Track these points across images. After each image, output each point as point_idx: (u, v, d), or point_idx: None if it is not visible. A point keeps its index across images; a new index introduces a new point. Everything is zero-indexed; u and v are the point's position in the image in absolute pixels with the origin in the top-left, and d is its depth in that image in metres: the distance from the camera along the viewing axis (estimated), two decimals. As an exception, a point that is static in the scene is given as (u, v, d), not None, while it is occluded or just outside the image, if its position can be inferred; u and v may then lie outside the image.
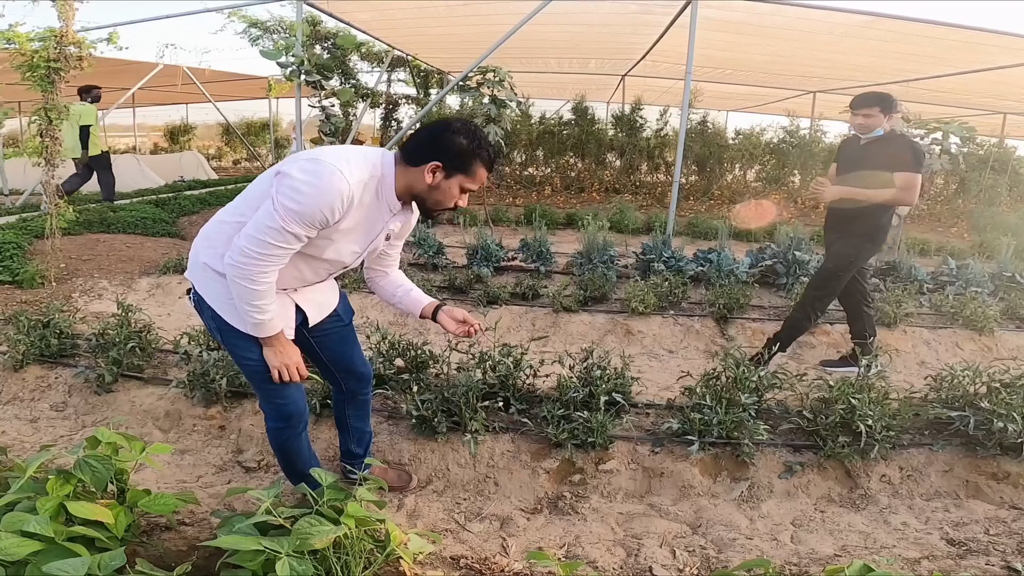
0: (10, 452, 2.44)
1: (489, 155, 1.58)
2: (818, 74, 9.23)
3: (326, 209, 1.46)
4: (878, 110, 3.03)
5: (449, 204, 1.61)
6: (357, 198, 1.51)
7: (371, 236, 1.66)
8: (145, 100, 14.33)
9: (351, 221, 1.56)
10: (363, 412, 2.11)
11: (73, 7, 4.22)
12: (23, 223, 5.73)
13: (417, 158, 1.56)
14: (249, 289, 1.52)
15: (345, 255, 1.66)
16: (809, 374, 2.85)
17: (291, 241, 1.49)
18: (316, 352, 1.96)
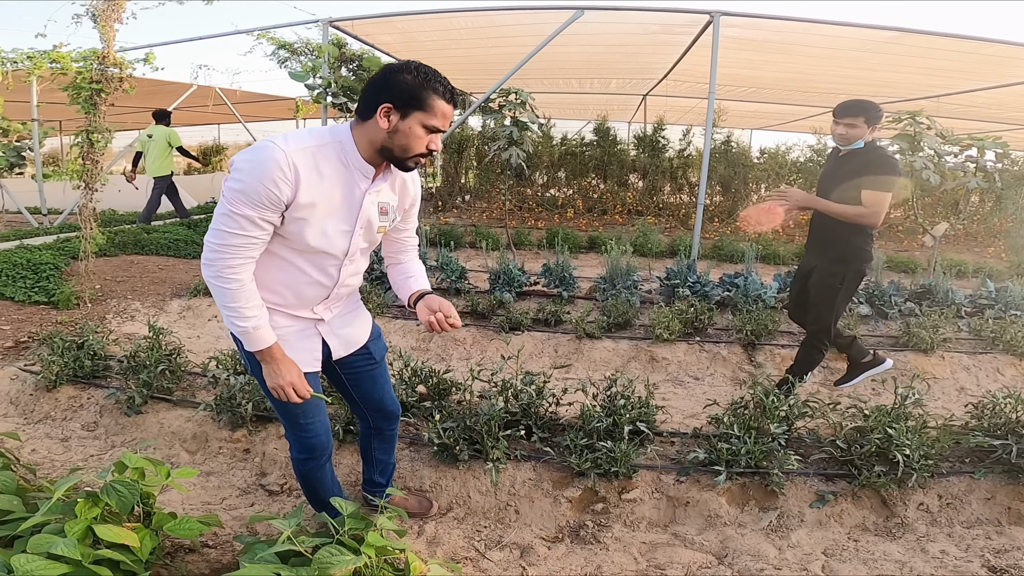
0: (40, 470, 2.52)
1: (444, 86, 1.45)
2: (845, 90, 9.09)
3: (267, 181, 1.38)
4: (863, 120, 2.81)
5: (417, 147, 1.47)
6: (302, 165, 1.41)
7: (354, 210, 1.54)
8: (179, 121, 14.83)
9: (311, 194, 1.45)
10: (389, 446, 2.10)
11: (114, 28, 4.29)
12: (61, 244, 5.92)
13: (368, 110, 1.47)
14: (222, 288, 1.47)
15: (334, 237, 1.54)
16: (842, 402, 2.77)
17: (246, 227, 1.42)
18: (346, 387, 1.92)
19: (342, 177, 1.50)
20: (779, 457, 2.39)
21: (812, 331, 3.11)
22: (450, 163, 11.36)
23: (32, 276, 4.82)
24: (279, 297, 1.62)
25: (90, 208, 4.56)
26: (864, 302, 4.64)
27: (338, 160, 1.49)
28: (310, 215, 1.47)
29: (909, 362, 3.85)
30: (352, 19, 6.32)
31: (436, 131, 1.48)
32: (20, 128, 6.23)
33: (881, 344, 4.12)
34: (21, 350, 3.71)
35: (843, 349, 3.32)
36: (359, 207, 1.54)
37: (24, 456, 2.65)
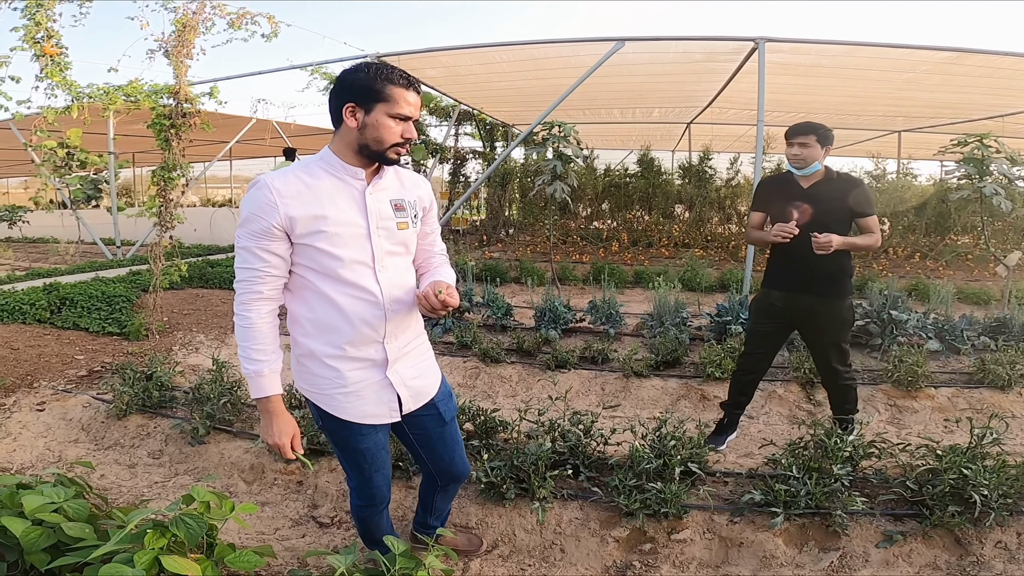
0: (108, 495, 2.65)
1: (398, 74, 1.46)
2: (902, 113, 8.84)
3: (255, 210, 1.43)
4: (814, 139, 2.68)
5: (390, 138, 1.47)
6: (284, 185, 1.45)
7: (361, 209, 1.52)
8: (239, 153, 15.66)
9: (307, 206, 1.46)
10: (450, 496, 2.06)
11: (185, 64, 4.53)
12: (132, 276, 6.30)
13: (336, 115, 1.50)
14: (236, 326, 1.51)
15: (352, 241, 1.51)
16: (911, 442, 2.62)
17: (248, 259, 1.47)
18: (414, 447, 1.86)
19: (335, 183, 1.51)
20: (843, 498, 2.28)
21: (832, 372, 2.90)
22: (494, 197, 11.51)
23: (106, 308, 5.15)
24: (340, 335, 1.55)
25: (162, 245, 4.83)
26: (934, 337, 4.40)
27: (325, 172, 1.51)
28: (321, 224, 1.46)
29: (985, 400, 3.61)
30: (398, 54, 6.59)
31: (404, 119, 1.48)
32: (97, 161, 6.73)
33: (954, 381, 3.89)
34: (94, 379, 3.96)
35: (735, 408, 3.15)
36: (364, 205, 1.53)
37: (94, 482, 2.80)
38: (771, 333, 2.96)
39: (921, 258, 8.85)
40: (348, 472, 1.79)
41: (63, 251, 10.16)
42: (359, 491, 1.79)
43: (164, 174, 4.67)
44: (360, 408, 1.61)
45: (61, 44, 4.84)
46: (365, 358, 1.59)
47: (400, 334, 1.64)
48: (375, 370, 1.61)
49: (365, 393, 1.61)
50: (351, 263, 1.51)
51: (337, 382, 1.58)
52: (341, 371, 1.58)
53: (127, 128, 9.40)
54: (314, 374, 1.60)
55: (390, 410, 1.66)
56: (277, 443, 1.56)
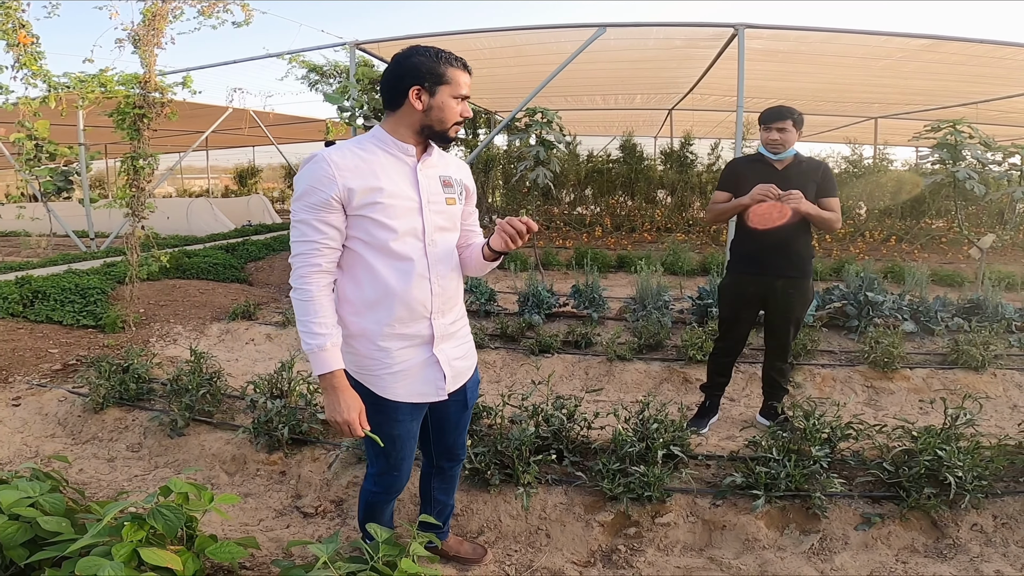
0: (87, 490, 2.61)
1: (456, 57, 1.55)
2: (879, 99, 8.94)
3: (314, 182, 1.47)
4: (791, 123, 2.75)
5: (452, 117, 1.56)
6: (341, 158, 1.49)
7: (413, 183, 1.57)
8: (216, 143, 15.37)
9: (363, 178, 1.49)
10: (449, 486, 2.02)
11: (154, 53, 4.46)
12: (107, 268, 6.16)
13: (397, 98, 1.54)
14: (295, 300, 1.52)
15: (405, 215, 1.54)
16: (888, 424, 2.68)
17: (307, 232, 1.49)
18: (426, 427, 1.85)
19: (388, 158, 1.56)
20: (821, 480, 2.32)
21: (786, 349, 3.01)
22: (476, 183, 11.44)
23: (80, 300, 5.03)
24: (389, 312, 1.56)
25: (136, 235, 4.73)
26: (909, 318, 4.49)
27: (378, 148, 1.56)
28: (378, 196, 1.50)
29: (959, 381, 3.70)
30: (378, 41, 6.48)
31: (464, 99, 1.57)
32: (67, 152, 6.54)
33: (928, 362, 3.97)
34: (69, 373, 3.87)
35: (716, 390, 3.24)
36: (416, 180, 1.58)
37: (72, 476, 2.75)
38: (743, 315, 3.03)
39: (897, 241, 9.01)
40: (372, 460, 1.79)
41: (35, 244, 9.87)
42: (379, 478, 1.78)
43: (133, 163, 4.57)
44: (408, 387, 1.63)
45: (33, 34, 4.70)
46: (414, 335, 1.61)
47: (447, 311, 1.66)
48: (423, 348, 1.63)
49: (413, 371, 1.63)
50: (403, 235, 1.54)
51: (385, 362, 1.59)
52: (390, 350, 1.59)
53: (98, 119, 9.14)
54: (362, 355, 1.60)
55: (437, 388, 1.66)
56: (346, 419, 1.53)
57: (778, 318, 2.97)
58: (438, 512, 2.02)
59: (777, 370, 3.08)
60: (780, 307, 2.93)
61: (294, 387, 3.08)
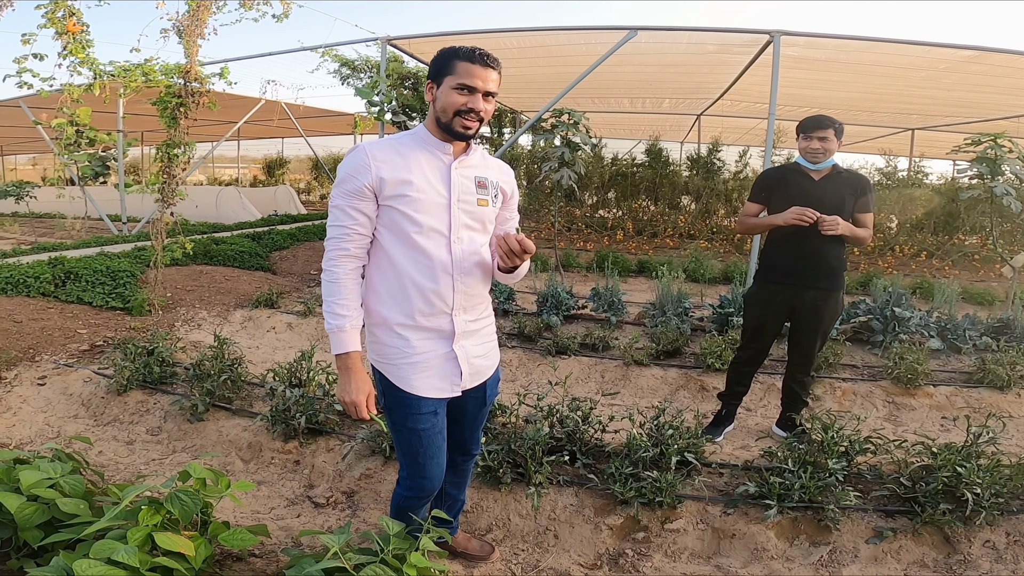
0: (105, 472, 2.66)
1: (464, 50, 1.55)
2: (918, 111, 8.72)
3: (351, 171, 1.55)
4: (832, 133, 2.68)
5: (452, 106, 1.55)
6: (379, 151, 1.56)
7: (445, 180, 1.60)
8: (247, 134, 15.64)
9: (396, 170, 1.55)
10: (462, 480, 2.03)
11: (197, 44, 4.56)
12: (137, 252, 6.31)
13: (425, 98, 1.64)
14: (324, 282, 1.59)
15: (433, 209, 1.58)
16: (908, 439, 2.62)
17: (340, 217, 1.57)
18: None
19: (424, 154, 1.61)
20: (836, 493, 2.28)
21: (810, 362, 2.96)
22: (498, 183, 11.44)
23: (110, 282, 5.17)
24: (410, 303, 1.59)
25: (163, 220, 4.83)
26: (935, 335, 4.37)
27: (416, 144, 1.61)
28: (407, 189, 1.55)
29: (983, 400, 3.60)
30: (409, 37, 6.53)
31: (470, 89, 1.54)
32: (106, 139, 6.72)
33: (953, 380, 3.87)
34: (96, 354, 3.97)
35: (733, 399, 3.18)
36: (449, 178, 1.61)
37: (91, 458, 2.81)
38: (769, 325, 2.97)
39: (927, 257, 8.78)
40: (401, 460, 1.78)
41: (69, 226, 10.19)
42: (409, 481, 1.77)
43: (168, 151, 4.67)
44: (424, 380, 1.64)
45: (83, 22, 4.82)
46: (434, 328, 1.63)
47: (469, 308, 1.68)
48: (442, 342, 1.65)
49: (431, 364, 1.64)
50: (428, 230, 1.58)
51: (405, 351, 1.62)
52: (410, 340, 1.62)
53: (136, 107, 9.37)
54: (383, 343, 1.64)
55: (452, 384, 1.68)
56: (354, 400, 1.59)
57: (805, 330, 2.91)
58: (448, 507, 2.03)
59: (799, 382, 3.02)
60: (808, 319, 2.86)
61: (313, 377, 3.12)
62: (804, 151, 2.76)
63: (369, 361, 1.73)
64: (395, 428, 1.71)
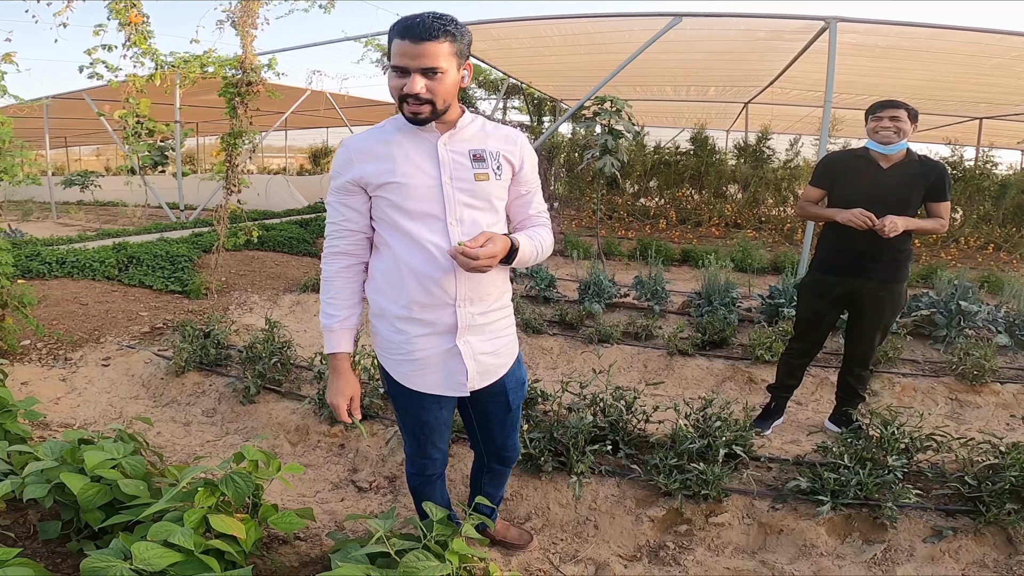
0: (164, 452, 2.75)
1: (400, 23, 1.38)
2: (986, 99, 8.21)
3: (338, 166, 1.52)
4: (905, 114, 2.50)
5: (394, 89, 1.42)
6: (361, 142, 1.51)
7: (433, 160, 1.48)
8: (294, 124, 16.03)
9: (380, 159, 1.47)
10: (500, 481, 1.98)
11: (252, 34, 4.68)
12: (195, 237, 6.57)
13: None
14: (322, 280, 1.57)
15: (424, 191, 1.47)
16: (973, 437, 2.48)
17: (332, 215, 1.54)
18: (472, 425, 1.82)
19: (405, 137, 1.50)
20: (895, 490, 2.19)
21: (868, 356, 2.82)
22: (540, 170, 11.42)
23: (169, 267, 5.40)
24: (407, 294, 1.50)
25: (228, 207, 5.00)
26: (1003, 331, 4.13)
27: (396, 129, 1.52)
28: (390, 176, 1.46)
29: (1056, 400, 3.38)
30: (448, 26, 6.52)
31: (402, 71, 1.38)
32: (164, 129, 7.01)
33: (1020, 378, 3.65)
34: (156, 335, 4.16)
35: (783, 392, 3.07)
36: (436, 157, 1.48)
37: (151, 439, 2.90)
38: (824, 317, 2.83)
39: (995, 249, 8.29)
40: (404, 439, 1.79)
41: (131, 214, 10.69)
42: (412, 459, 1.79)
43: (231, 140, 4.83)
44: (424, 378, 1.56)
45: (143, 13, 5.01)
46: (434, 321, 1.52)
47: (476, 299, 1.54)
48: (444, 337, 1.54)
49: (431, 361, 1.55)
50: (420, 215, 1.48)
51: (404, 348, 1.54)
52: (409, 335, 1.53)
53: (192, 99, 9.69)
54: (382, 336, 1.59)
55: (457, 383, 1.57)
56: (333, 402, 1.59)
57: (866, 323, 2.76)
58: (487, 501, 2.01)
59: (856, 376, 2.89)
60: (869, 311, 2.72)
61: (359, 360, 3.17)
62: (874, 132, 2.58)
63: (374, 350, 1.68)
64: (399, 412, 1.71)
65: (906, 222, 2.49)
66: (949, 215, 2.63)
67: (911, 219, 2.53)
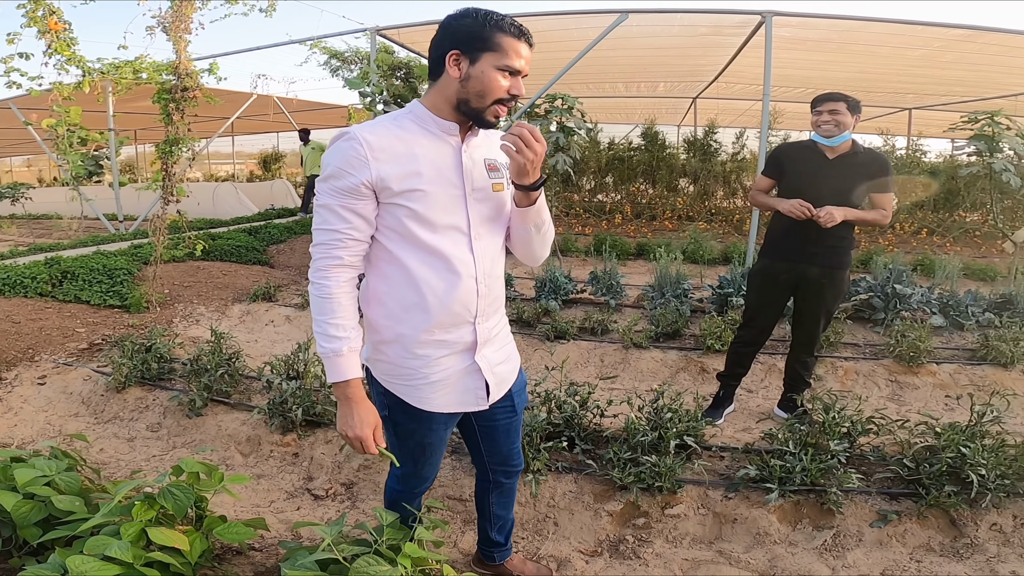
0: (107, 469, 2.66)
1: (510, 22, 1.29)
2: (914, 90, 8.65)
3: (343, 165, 1.30)
4: (845, 106, 2.60)
5: (494, 92, 1.31)
6: (376, 139, 1.31)
7: (456, 168, 1.38)
8: (241, 129, 15.59)
9: (400, 163, 1.32)
10: (508, 500, 1.88)
11: (184, 39, 4.52)
12: (134, 249, 6.29)
13: (437, 65, 1.35)
14: (312, 296, 1.36)
15: (448, 204, 1.37)
16: (910, 418, 2.60)
17: (329, 219, 1.33)
18: (476, 439, 1.71)
19: (427, 139, 1.36)
20: (838, 475, 2.27)
21: (812, 342, 2.92)
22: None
23: (107, 280, 5.15)
24: (428, 317, 1.39)
25: (166, 217, 4.82)
26: (937, 312, 4.35)
27: (416, 127, 1.37)
28: (416, 183, 1.32)
29: (987, 377, 3.58)
30: (399, 27, 6.47)
31: (514, 72, 1.32)
32: (98, 138, 6.69)
33: (956, 358, 3.85)
34: (95, 352, 3.97)
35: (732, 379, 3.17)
36: (460, 166, 1.38)
37: (92, 455, 2.80)
38: (772, 303, 2.93)
39: (928, 234, 8.75)
40: (400, 461, 1.64)
41: (66, 226, 10.15)
42: (403, 479, 1.68)
43: (167, 148, 4.66)
44: (445, 397, 1.48)
45: (64, 20, 4.78)
46: (455, 341, 1.44)
47: (491, 314, 1.49)
48: (464, 355, 1.47)
49: (452, 380, 1.47)
50: (445, 228, 1.36)
51: (423, 372, 1.43)
52: (429, 358, 1.42)
53: (128, 106, 9.28)
54: (395, 363, 1.44)
55: (477, 398, 1.51)
56: (359, 435, 1.38)
57: (809, 309, 2.87)
58: (499, 528, 1.90)
59: (802, 363, 2.99)
60: (812, 297, 2.82)
61: (310, 368, 3.11)
62: (816, 125, 2.69)
63: (369, 373, 1.53)
64: (399, 438, 1.55)
65: (845, 212, 2.59)
66: (892, 207, 2.73)
67: (852, 210, 2.62)
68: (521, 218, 1.45)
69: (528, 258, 1.57)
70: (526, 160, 1.30)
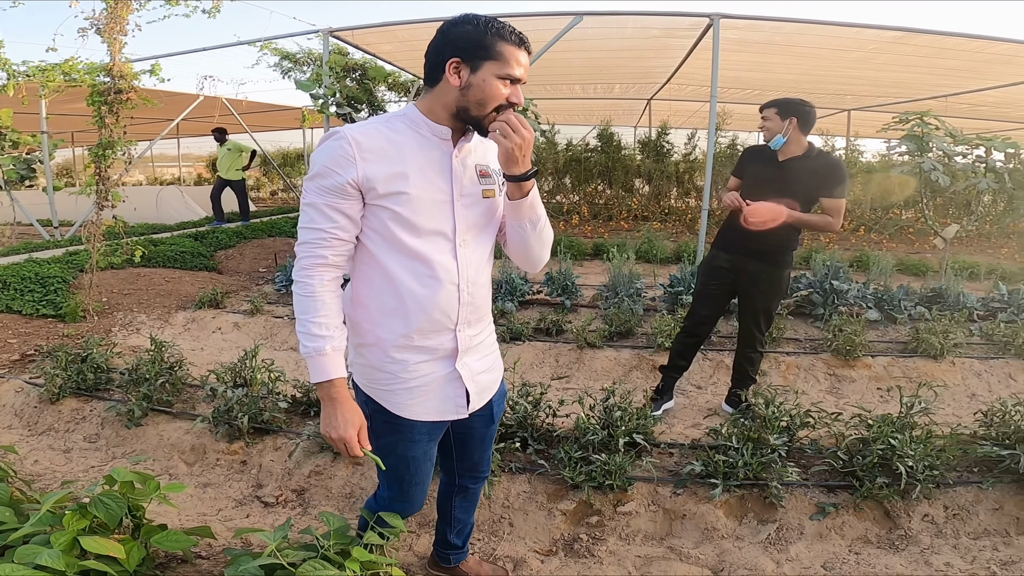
0: (41, 481, 2.54)
1: (511, 30, 1.30)
2: (852, 91, 9.04)
3: (331, 163, 1.29)
4: (774, 111, 2.72)
5: (494, 101, 1.30)
6: (366, 139, 1.30)
7: (445, 174, 1.37)
8: (188, 131, 15.05)
9: (388, 164, 1.31)
10: (471, 504, 1.86)
11: (120, 40, 4.35)
12: (69, 256, 5.99)
13: (435, 72, 1.34)
14: (295, 294, 1.34)
15: (434, 208, 1.35)
16: (847, 411, 2.72)
17: (315, 218, 1.31)
18: (449, 445, 1.69)
19: (418, 142, 1.35)
20: (778, 469, 2.34)
21: (754, 337, 3.03)
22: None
23: (40, 289, 4.89)
24: (408, 322, 1.38)
25: (101, 223, 4.61)
26: (872, 307, 4.57)
27: (409, 129, 1.36)
28: (403, 186, 1.31)
29: (918, 369, 3.78)
30: (352, 28, 6.36)
31: (514, 80, 1.31)
32: (30, 141, 6.34)
33: (890, 350, 4.06)
34: (27, 363, 3.76)
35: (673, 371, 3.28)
36: (449, 170, 1.37)
37: (26, 468, 2.68)
38: (715, 294, 3.04)
39: (866, 231, 9.18)
40: (383, 481, 1.61)
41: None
42: (389, 504, 1.61)
43: (100, 151, 4.45)
44: (424, 405, 1.45)
45: None
46: (435, 347, 1.42)
47: (474, 321, 1.47)
48: (444, 362, 1.45)
49: (431, 388, 1.45)
50: (430, 233, 1.35)
51: (401, 376, 1.42)
52: (407, 364, 1.41)
53: (64, 107, 8.82)
54: (374, 367, 1.43)
55: (457, 407, 1.49)
56: (342, 436, 1.34)
57: (748, 303, 2.99)
58: (458, 532, 1.89)
59: (746, 358, 3.10)
60: (748, 292, 2.95)
61: (257, 375, 3.03)
62: (760, 130, 2.83)
63: (351, 379, 1.50)
64: (381, 452, 1.49)
65: (787, 213, 2.65)
66: (840, 212, 2.73)
67: (794, 212, 2.69)
68: (515, 214, 1.42)
69: (528, 262, 1.53)
70: (514, 145, 1.29)
